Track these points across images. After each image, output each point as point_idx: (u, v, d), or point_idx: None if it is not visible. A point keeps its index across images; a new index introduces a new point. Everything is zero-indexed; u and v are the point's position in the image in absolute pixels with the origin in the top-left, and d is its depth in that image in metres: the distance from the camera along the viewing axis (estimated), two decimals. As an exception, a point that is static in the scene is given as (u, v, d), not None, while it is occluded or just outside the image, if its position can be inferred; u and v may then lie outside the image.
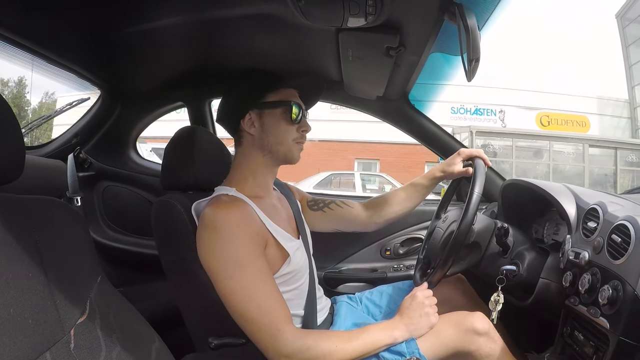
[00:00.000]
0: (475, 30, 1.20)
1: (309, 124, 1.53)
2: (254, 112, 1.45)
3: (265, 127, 1.45)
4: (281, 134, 1.46)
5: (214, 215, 1.28)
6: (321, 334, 1.30)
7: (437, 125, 2.38)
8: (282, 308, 1.25)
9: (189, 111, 2.51)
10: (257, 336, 1.22)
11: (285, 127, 1.46)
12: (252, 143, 1.47)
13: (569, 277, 1.35)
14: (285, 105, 1.46)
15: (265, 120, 1.45)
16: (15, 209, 0.89)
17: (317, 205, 1.78)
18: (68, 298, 0.89)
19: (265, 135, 1.45)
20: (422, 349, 1.34)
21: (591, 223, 1.40)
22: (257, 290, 1.22)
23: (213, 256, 1.25)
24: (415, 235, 2.49)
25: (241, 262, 1.23)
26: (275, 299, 1.25)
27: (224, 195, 1.37)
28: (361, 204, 1.82)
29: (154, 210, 1.46)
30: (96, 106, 2.47)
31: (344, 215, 1.79)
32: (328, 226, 1.81)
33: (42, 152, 2.49)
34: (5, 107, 0.85)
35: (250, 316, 1.21)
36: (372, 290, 1.91)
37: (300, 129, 1.49)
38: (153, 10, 1.54)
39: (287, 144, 1.47)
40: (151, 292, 2.18)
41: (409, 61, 1.73)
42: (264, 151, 1.47)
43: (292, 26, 1.51)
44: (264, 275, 1.26)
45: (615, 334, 1.12)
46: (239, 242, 1.24)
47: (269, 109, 1.46)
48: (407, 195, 1.78)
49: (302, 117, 1.50)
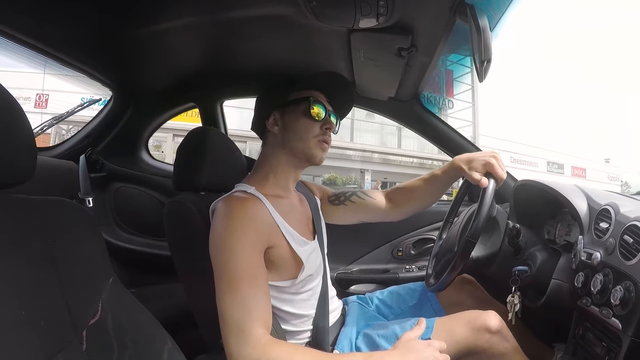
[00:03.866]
0: (487, 31, 1.20)
1: (333, 122, 1.52)
2: (278, 111, 1.48)
3: (287, 124, 1.47)
4: (301, 130, 1.46)
5: (225, 208, 1.29)
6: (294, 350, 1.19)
7: (449, 126, 2.37)
8: (259, 311, 1.18)
9: (200, 112, 2.52)
10: (223, 332, 1.17)
11: (306, 123, 1.46)
12: (274, 142, 1.49)
13: (581, 278, 1.35)
14: (305, 102, 1.46)
15: (287, 118, 1.47)
16: (28, 211, 0.90)
17: (339, 199, 1.77)
18: (80, 299, 0.90)
19: (286, 132, 1.47)
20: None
21: (603, 224, 1.39)
22: (239, 284, 1.18)
23: (215, 245, 1.25)
24: (427, 236, 2.48)
25: (236, 253, 1.21)
26: (255, 300, 1.19)
27: (239, 192, 1.38)
28: (384, 193, 1.79)
29: (167, 211, 1.46)
30: (108, 107, 2.49)
31: (367, 207, 1.76)
32: (351, 219, 1.79)
33: (53, 153, 2.52)
34: (17, 108, 0.86)
35: (223, 309, 1.17)
36: (383, 290, 1.91)
37: (323, 127, 1.48)
38: (165, 11, 1.55)
39: (307, 141, 1.46)
40: (163, 293, 2.18)
41: (420, 62, 1.73)
42: (285, 149, 1.47)
43: (304, 27, 1.52)
44: (254, 271, 1.23)
45: (628, 335, 1.11)
46: (240, 234, 1.23)
47: (290, 107, 1.47)
48: (429, 189, 1.70)
49: (327, 116, 1.49)
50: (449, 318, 1.50)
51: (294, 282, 1.37)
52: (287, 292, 1.38)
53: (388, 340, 1.44)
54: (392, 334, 1.46)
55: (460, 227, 1.67)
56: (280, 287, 1.36)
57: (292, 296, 1.40)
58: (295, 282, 1.37)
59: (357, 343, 1.49)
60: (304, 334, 1.45)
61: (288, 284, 1.37)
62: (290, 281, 1.37)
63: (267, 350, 1.12)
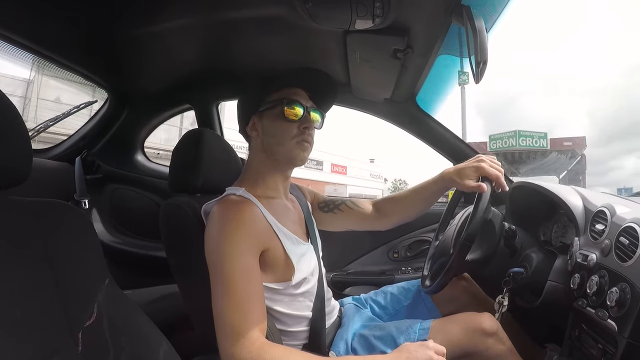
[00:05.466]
0: (483, 32, 1.20)
1: (311, 121, 1.45)
2: (256, 116, 1.45)
3: (265, 129, 1.44)
4: (279, 133, 1.41)
5: (221, 212, 1.28)
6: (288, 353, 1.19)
7: (446, 128, 2.36)
8: (254, 314, 1.18)
9: (196, 114, 2.51)
10: (218, 335, 1.17)
11: (283, 126, 1.41)
12: (257, 147, 1.47)
13: (577, 280, 1.35)
14: (280, 103, 1.41)
15: (265, 123, 1.44)
16: (24, 212, 0.90)
17: (328, 207, 1.76)
18: (75, 301, 0.90)
19: (265, 137, 1.44)
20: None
21: (599, 225, 1.39)
22: (234, 288, 1.17)
23: (210, 249, 1.25)
24: (423, 237, 2.49)
25: (232, 256, 1.20)
26: (250, 303, 1.19)
27: (233, 195, 1.36)
28: (373, 203, 1.78)
29: (162, 213, 1.46)
30: (103, 109, 2.48)
31: (356, 216, 1.75)
32: (340, 227, 1.79)
33: (49, 155, 2.50)
34: (12, 110, 0.85)
35: (218, 311, 1.18)
36: (377, 291, 1.92)
37: (301, 127, 1.42)
38: (160, 12, 1.55)
39: (287, 144, 1.41)
40: (159, 295, 2.17)
41: (416, 63, 1.73)
42: (267, 153, 1.45)
43: (300, 28, 1.52)
44: (249, 275, 1.22)
45: (624, 337, 1.11)
46: (236, 239, 1.23)
47: (267, 111, 1.43)
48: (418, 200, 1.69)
49: (305, 114, 1.43)
50: (444, 320, 1.50)
51: (289, 284, 1.37)
52: (282, 294, 1.37)
53: (384, 342, 1.44)
54: (388, 335, 1.46)
55: (455, 230, 1.67)
56: (275, 288, 1.35)
57: (288, 297, 1.39)
58: (290, 284, 1.36)
59: (353, 344, 1.49)
60: (301, 335, 1.44)
61: (283, 286, 1.36)
62: (286, 283, 1.36)
63: (262, 353, 1.11)
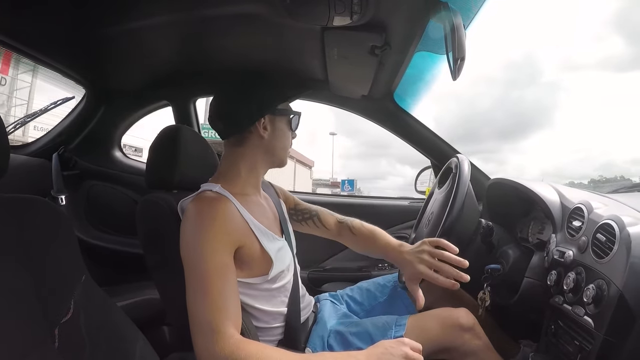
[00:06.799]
0: (461, 29, 1.21)
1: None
2: (269, 116, 1.47)
3: (277, 132, 1.49)
4: (285, 139, 1.53)
5: (196, 209, 1.28)
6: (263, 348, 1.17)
7: (423, 125, 2.39)
8: (229, 311, 1.17)
9: (173, 110, 2.51)
10: (192, 331, 1.15)
11: (288, 134, 1.54)
12: (258, 145, 1.47)
13: (554, 276, 1.36)
14: (292, 114, 1.54)
15: (277, 126, 1.49)
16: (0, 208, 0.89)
17: (297, 217, 1.80)
18: (52, 297, 0.89)
19: (274, 139, 1.49)
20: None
21: (576, 222, 1.41)
22: (209, 285, 1.17)
23: (186, 245, 1.25)
24: (401, 234, 2.48)
25: (206, 253, 1.20)
26: (225, 299, 1.18)
27: (208, 192, 1.36)
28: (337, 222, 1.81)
29: (139, 210, 1.45)
30: (81, 105, 2.45)
31: (321, 232, 1.81)
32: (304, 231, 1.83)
33: (26, 151, 2.47)
34: None
35: (193, 308, 1.17)
36: (352, 287, 1.93)
37: (292, 138, 1.58)
38: (138, 10, 1.53)
39: (286, 150, 1.55)
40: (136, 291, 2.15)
41: (394, 60, 1.74)
42: (268, 154, 1.50)
43: (277, 25, 1.51)
44: (223, 271, 1.22)
45: (600, 333, 1.12)
46: (211, 236, 1.22)
47: (280, 116, 1.50)
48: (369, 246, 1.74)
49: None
50: (421, 315, 1.51)
51: (265, 279, 1.37)
52: (257, 289, 1.37)
53: (360, 338, 1.45)
54: (364, 331, 1.47)
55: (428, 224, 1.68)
56: (251, 283, 1.35)
57: (263, 293, 1.39)
58: (266, 278, 1.36)
59: (329, 341, 1.50)
60: (276, 331, 1.43)
61: (259, 280, 1.36)
62: (262, 277, 1.36)
63: (236, 350, 1.10)
